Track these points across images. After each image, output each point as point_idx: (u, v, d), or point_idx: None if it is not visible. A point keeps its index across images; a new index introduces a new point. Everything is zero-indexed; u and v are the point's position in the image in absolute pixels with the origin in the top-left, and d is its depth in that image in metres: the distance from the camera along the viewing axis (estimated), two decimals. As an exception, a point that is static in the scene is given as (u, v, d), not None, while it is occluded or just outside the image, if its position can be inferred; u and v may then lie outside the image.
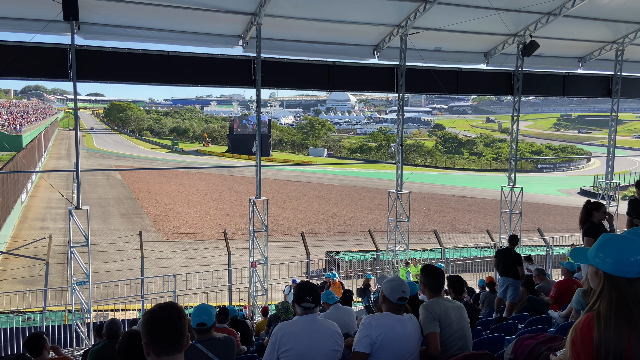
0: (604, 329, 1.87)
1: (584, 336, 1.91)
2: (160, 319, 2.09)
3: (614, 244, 1.98)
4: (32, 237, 23.86)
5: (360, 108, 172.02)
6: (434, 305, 3.91)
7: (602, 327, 1.88)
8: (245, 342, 7.54)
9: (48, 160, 61.32)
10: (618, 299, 1.90)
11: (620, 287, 1.91)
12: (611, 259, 1.94)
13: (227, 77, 13.83)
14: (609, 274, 1.94)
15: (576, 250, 2.26)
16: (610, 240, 2.01)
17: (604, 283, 1.96)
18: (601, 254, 1.98)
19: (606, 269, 1.94)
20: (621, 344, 1.84)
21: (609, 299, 1.92)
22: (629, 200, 6.20)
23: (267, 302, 13.70)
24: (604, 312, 1.91)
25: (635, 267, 1.90)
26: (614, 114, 19.06)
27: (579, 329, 1.95)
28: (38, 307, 14.28)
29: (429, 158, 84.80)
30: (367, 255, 21.34)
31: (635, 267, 1.90)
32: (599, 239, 2.07)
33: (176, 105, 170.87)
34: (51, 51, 11.92)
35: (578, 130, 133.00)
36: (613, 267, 1.93)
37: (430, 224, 31.55)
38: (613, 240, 2.01)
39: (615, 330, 1.86)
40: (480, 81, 16.90)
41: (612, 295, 1.92)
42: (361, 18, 13.80)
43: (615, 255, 1.94)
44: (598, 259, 1.99)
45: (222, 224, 30.66)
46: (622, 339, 1.85)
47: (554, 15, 14.27)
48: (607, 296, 1.93)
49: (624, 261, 1.91)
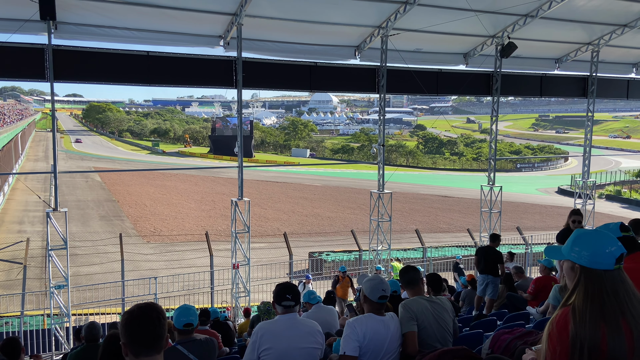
0: (579, 322, 1.90)
1: (560, 330, 1.94)
2: (139, 319, 2.08)
3: (589, 237, 2.01)
4: (9, 240, 23.38)
5: (342, 109, 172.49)
6: (413, 303, 3.93)
7: (577, 321, 1.90)
8: (227, 343, 7.52)
9: (25, 162, 60.18)
10: (594, 292, 1.93)
11: (596, 279, 1.94)
12: (587, 251, 1.97)
13: (208, 78, 13.74)
14: (585, 267, 1.97)
15: (550, 248, 2.31)
16: (585, 234, 2.04)
17: (579, 276, 1.99)
18: (577, 247, 2.01)
19: (582, 262, 1.97)
20: (596, 336, 1.87)
21: (584, 292, 1.95)
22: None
23: (250, 304, 13.66)
24: (579, 305, 1.93)
25: (611, 258, 1.93)
26: (590, 114, 19.44)
27: (555, 323, 1.97)
28: (16, 311, 14.01)
29: (411, 158, 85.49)
30: (350, 255, 21.41)
31: (611, 258, 1.93)
32: (572, 234, 2.11)
33: (157, 106, 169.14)
34: (28, 51, 11.70)
35: (556, 130, 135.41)
36: (589, 259, 1.96)
37: (412, 223, 31.78)
38: (587, 234, 2.04)
39: (590, 323, 1.88)
40: (460, 82, 17.10)
41: (588, 288, 1.94)
42: (342, 19, 13.85)
43: (591, 248, 1.97)
44: (574, 252, 2.01)
45: (204, 225, 30.46)
46: (596, 332, 1.88)
47: (531, 17, 14.51)
48: (582, 289, 1.96)
49: (599, 253, 1.95)
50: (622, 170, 59.29)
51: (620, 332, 1.87)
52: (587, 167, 19.74)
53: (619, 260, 1.95)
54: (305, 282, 13.34)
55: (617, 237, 2.52)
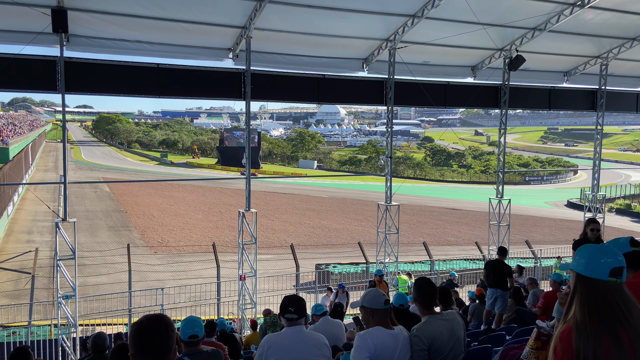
0: (582, 337, 1.94)
1: (564, 346, 1.97)
2: (148, 331, 2.07)
3: (589, 248, 2.11)
4: (18, 250, 23.54)
5: (350, 120, 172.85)
6: (427, 330, 3.78)
7: (580, 335, 1.94)
8: (233, 355, 7.48)
9: (35, 173, 60.70)
10: (589, 300, 1.99)
11: (590, 288, 2.01)
12: (583, 259, 2.06)
13: (217, 90, 13.87)
14: (580, 274, 2.05)
15: (564, 264, 2.37)
16: (588, 246, 2.14)
17: (575, 284, 2.06)
18: (577, 256, 2.11)
19: (579, 269, 2.06)
20: (599, 350, 1.90)
21: (580, 301, 2.01)
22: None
23: (256, 316, 13.60)
24: (579, 317, 1.99)
25: (605, 268, 2.00)
26: (599, 127, 19.35)
27: (559, 338, 2.01)
28: (23, 321, 14.05)
29: (418, 170, 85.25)
30: (357, 267, 21.32)
31: (605, 268, 2.00)
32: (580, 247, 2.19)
33: (165, 118, 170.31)
34: (40, 63, 11.89)
35: (565, 143, 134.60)
36: (585, 267, 2.04)
37: (419, 235, 31.62)
38: (590, 245, 2.14)
39: (592, 337, 1.92)
40: (468, 94, 17.11)
41: (584, 295, 2.01)
42: (350, 32, 13.95)
43: (587, 257, 2.06)
44: (574, 261, 2.11)
45: (211, 236, 30.48)
46: (599, 345, 1.91)
47: (540, 30, 14.53)
48: (578, 298, 2.03)
49: (594, 261, 2.03)
50: (632, 183, 58.77)
51: (622, 344, 1.91)
52: (597, 181, 19.60)
53: (615, 273, 2.00)
54: (339, 292, 13.04)
55: (627, 252, 2.55)
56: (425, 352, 3.71)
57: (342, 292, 13.05)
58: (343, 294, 13.04)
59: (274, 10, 12.21)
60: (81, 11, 11.44)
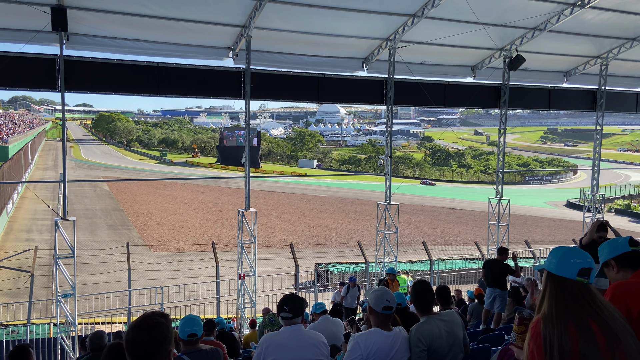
0: (548, 325, 2.03)
1: (535, 335, 2.07)
2: (132, 342, 2.06)
3: (562, 249, 2.22)
4: (17, 248, 23.53)
5: (349, 120, 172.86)
6: (426, 330, 3.77)
7: (546, 324, 2.04)
8: (232, 354, 7.48)
9: (35, 171, 60.68)
10: (557, 297, 2.09)
11: (560, 285, 2.11)
12: (555, 259, 2.18)
13: (216, 89, 13.84)
14: (551, 273, 2.16)
15: (538, 265, 2.44)
16: (561, 247, 2.25)
17: (546, 281, 2.17)
18: (550, 256, 2.23)
19: (550, 268, 2.18)
20: (564, 336, 1.98)
21: (549, 297, 2.12)
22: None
23: (256, 315, 13.60)
24: (547, 310, 2.09)
25: (574, 268, 2.11)
26: (599, 127, 19.34)
27: (530, 328, 2.12)
28: (22, 319, 14.04)
29: (418, 170, 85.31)
30: (356, 267, 21.32)
31: (574, 268, 2.11)
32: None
33: (165, 116, 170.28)
34: (39, 61, 11.86)
35: (564, 143, 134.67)
36: (555, 266, 2.16)
37: (419, 235, 31.63)
38: (562, 247, 2.24)
39: (558, 326, 2.01)
40: (468, 94, 17.10)
41: (553, 292, 2.12)
42: (350, 32, 13.94)
43: (559, 257, 2.17)
44: (547, 261, 2.22)
45: (211, 235, 30.48)
46: (565, 333, 1.99)
47: (539, 30, 14.52)
48: (548, 294, 2.13)
49: (564, 261, 2.14)
50: (631, 184, 58.82)
51: (591, 334, 1.98)
52: (596, 181, 19.60)
53: (584, 273, 2.10)
54: (350, 285, 12.61)
55: (626, 252, 2.57)
56: (425, 353, 3.71)
57: (353, 286, 12.64)
58: (354, 287, 12.68)
59: (274, 9, 12.20)
60: (81, 9, 11.42)
